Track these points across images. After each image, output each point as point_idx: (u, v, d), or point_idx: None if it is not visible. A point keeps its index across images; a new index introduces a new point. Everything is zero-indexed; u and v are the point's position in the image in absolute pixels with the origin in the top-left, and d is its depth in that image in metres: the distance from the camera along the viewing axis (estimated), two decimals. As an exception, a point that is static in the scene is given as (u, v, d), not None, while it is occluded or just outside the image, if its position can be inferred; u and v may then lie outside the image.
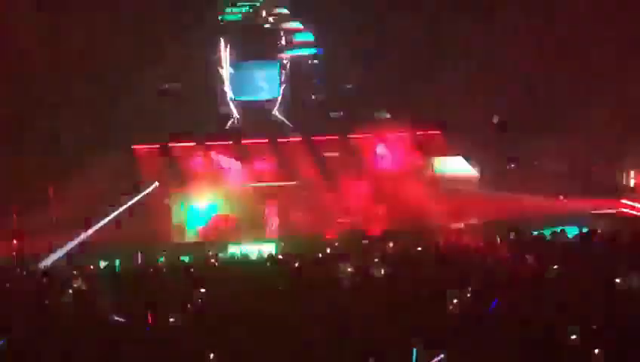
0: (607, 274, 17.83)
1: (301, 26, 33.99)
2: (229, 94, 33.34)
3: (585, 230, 25.24)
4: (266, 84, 33.94)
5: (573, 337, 13.57)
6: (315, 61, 34.72)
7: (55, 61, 29.90)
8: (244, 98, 33.64)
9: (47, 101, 30.05)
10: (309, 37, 34.11)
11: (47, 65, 29.83)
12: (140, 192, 29.96)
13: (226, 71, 33.32)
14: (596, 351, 12.86)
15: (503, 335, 13.80)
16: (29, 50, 29.42)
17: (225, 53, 33.23)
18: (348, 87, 34.45)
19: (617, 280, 17.47)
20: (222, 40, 33.18)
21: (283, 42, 33.70)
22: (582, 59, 31.67)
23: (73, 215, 28.40)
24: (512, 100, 32.50)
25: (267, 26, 33.89)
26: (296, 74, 34.21)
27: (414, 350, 12.92)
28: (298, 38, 34.21)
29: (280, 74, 33.84)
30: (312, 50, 34.30)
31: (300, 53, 34.24)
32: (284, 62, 33.81)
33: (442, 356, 12.97)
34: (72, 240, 27.30)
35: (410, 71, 32.62)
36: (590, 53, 31.65)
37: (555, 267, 19.50)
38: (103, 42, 30.29)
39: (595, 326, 13.97)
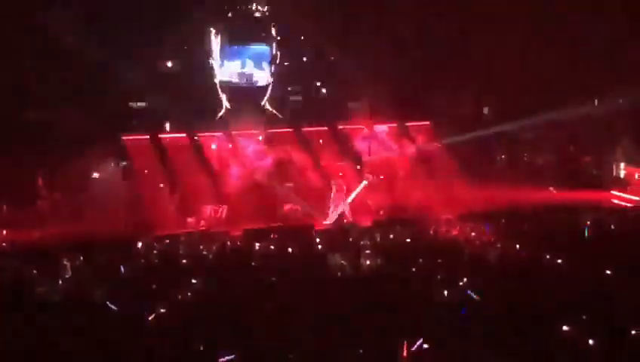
0: (597, 265, 17.97)
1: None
2: (219, 79, 33.22)
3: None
4: (256, 69, 33.77)
5: (566, 328, 13.65)
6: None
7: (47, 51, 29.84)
8: (233, 83, 33.47)
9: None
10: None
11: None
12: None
13: (215, 59, 33.19)
14: (590, 341, 12.93)
15: (492, 325, 13.84)
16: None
17: (215, 41, 33.08)
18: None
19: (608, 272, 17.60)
20: (212, 30, 33.02)
21: (273, 28, 33.52)
22: (571, 52, 31.77)
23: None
24: (501, 93, 32.54)
25: (257, 12, 33.66)
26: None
27: (404, 342, 12.93)
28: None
29: (270, 59, 33.68)
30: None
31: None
32: (274, 47, 33.62)
33: (420, 342, 13.02)
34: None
35: (400, 62, 32.67)
36: (578, 47, 31.75)
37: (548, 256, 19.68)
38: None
39: (585, 317, 14.04)
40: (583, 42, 31.56)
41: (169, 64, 32.62)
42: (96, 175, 30.55)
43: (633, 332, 13.26)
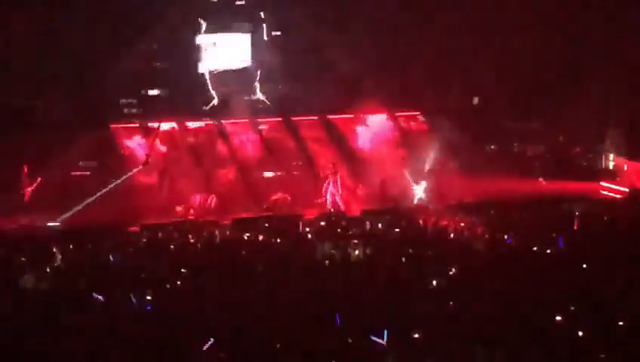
0: (586, 255, 17.99)
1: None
2: (202, 67, 33.14)
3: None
4: (237, 52, 33.63)
5: (558, 318, 13.66)
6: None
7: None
8: (215, 67, 33.38)
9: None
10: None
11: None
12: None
13: (199, 45, 33.11)
14: (580, 333, 12.94)
15: (482, 315, 13.83)
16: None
17: (200, 29, 32.96)
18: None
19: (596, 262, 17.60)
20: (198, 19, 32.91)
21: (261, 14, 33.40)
22: (564, 43, 31.79)
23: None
24: (493, 83, 32.55)
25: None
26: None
27: (385, 332, 12.93)
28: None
29: (252, 43, 33.58)
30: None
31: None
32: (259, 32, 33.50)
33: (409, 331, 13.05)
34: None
35: (390, 53, 32.66)
36: (571, 38, 31.76)
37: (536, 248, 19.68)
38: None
39: (573, 308, 14.06)
40: (573, 33, 31.62)
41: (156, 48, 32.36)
42: (84, 162, 30.45)
43: (621, 323, 13.27)
